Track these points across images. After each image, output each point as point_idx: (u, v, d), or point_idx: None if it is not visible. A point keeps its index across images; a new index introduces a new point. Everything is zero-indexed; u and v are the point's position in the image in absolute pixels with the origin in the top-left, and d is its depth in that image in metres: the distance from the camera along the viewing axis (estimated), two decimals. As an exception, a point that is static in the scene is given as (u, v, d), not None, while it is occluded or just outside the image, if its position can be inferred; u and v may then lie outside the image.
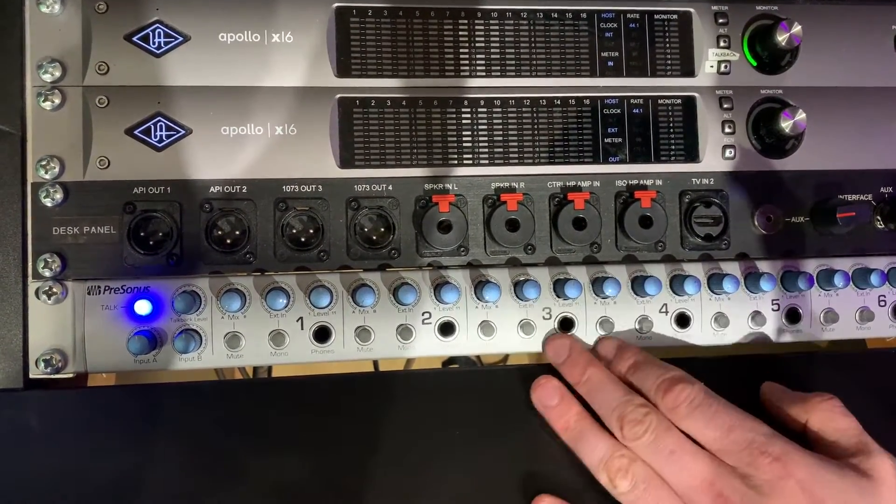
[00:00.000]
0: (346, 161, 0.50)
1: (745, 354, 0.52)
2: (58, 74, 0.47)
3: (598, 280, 0.51)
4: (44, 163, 0.47)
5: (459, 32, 0.51)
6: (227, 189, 0.49)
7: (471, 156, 0.51)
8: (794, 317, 0.53)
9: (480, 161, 0.51)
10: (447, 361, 0.86)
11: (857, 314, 0.54)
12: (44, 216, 0.47)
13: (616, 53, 0.52)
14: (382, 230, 0.50)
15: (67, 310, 0.47)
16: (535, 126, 0.52)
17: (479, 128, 0.51)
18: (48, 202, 0.47)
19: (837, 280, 0.52)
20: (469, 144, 0.51)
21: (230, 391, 0.50)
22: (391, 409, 0.48)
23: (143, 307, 0.48)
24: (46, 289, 0.46)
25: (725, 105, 0.53)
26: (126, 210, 0.48)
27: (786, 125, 0.51)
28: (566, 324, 0.51)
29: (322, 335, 0.49)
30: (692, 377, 0.46)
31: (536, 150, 0.51)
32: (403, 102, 0.50)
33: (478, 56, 0.51)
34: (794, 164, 0.53)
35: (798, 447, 0.42)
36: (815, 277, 0.53)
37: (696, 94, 0.53)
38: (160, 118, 0.48)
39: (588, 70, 0.52)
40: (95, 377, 0.52)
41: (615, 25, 0.52)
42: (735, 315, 0.53)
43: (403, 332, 0.50)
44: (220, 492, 0.46)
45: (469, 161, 0.51)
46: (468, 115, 0.51)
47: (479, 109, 0.51)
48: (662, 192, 0.52)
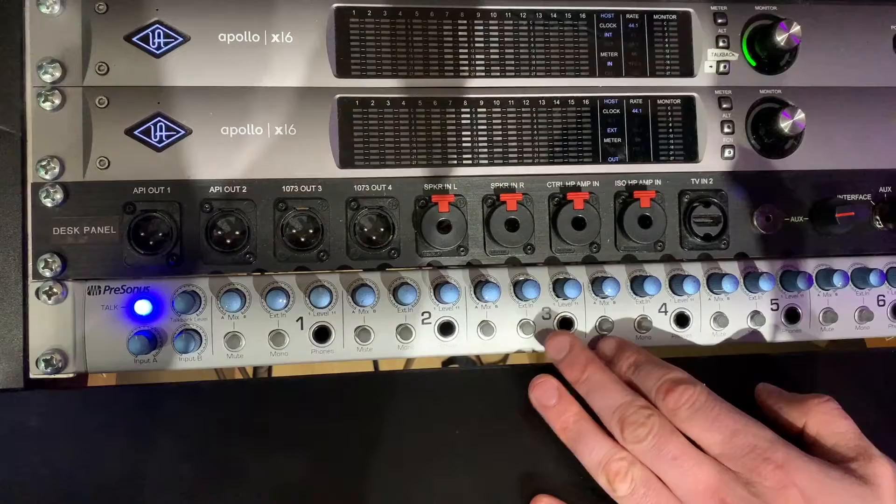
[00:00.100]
0: (346, 161, 0.50)
1: (745, 354, 0.52)
2: (58, 75, 0.47)
3: (598, 280, 0.51)
4: (44, 163, 0.47)
5: (459, 32, 0.51)
6: (227, 189, 0.49)
7: (470, 156, 0.51)
8: (794, 316, 0.53)
9: (480, 161, 0.51)
10: (447, 361, 0.86)
11: (857, 314, 0.54)
12: (44, 216, 0.47)
13: (615, 53, 0.52)
14: (382, 230, 0.50)
15: (68, 310, 0.47)
16: (535, 126, 0.52)
17: (479, 128, 0.51)
18: (48, 202, 0.47)
19: (836, 280, 0.52)
20: (468, 144, 0.51)
21: (230, 391, 0.50)
22: (391, 409, 0.48)
23: (144, 307, 0.48)
24: (47, 289, 0.47)
25: (724, 105, 0.53)
26: (126, 210, 0.48)
27: (785, 125, 0.51)
28: (566, 323, 0.51)
29: (322, 335, 0.49)
30: (694, 378, 0.45)
31: (536, 150, 0.52)
32: (403, 102, 0.50)
33: (477, 56, 0.51)
34: (794, 164, 0.53)
35: (801, 453, 0.42)
36: (815, 277, 0.53)
37: (696, 94, 0.53)
38: (160, 118, 0.48)
39: (587, 70, 0.52)
40: (96, 377, 0.52)
41: (614, 25, 0.53)
42: (734, 315, 0.53)
43: (403, 332, 0.50)
44: (220, 491, 0.46)
45: (468, 161, 0.51)
46: (468, 116, 0.51)
47: (479, 109, 0.51)
48: (662, 192, 0.52)
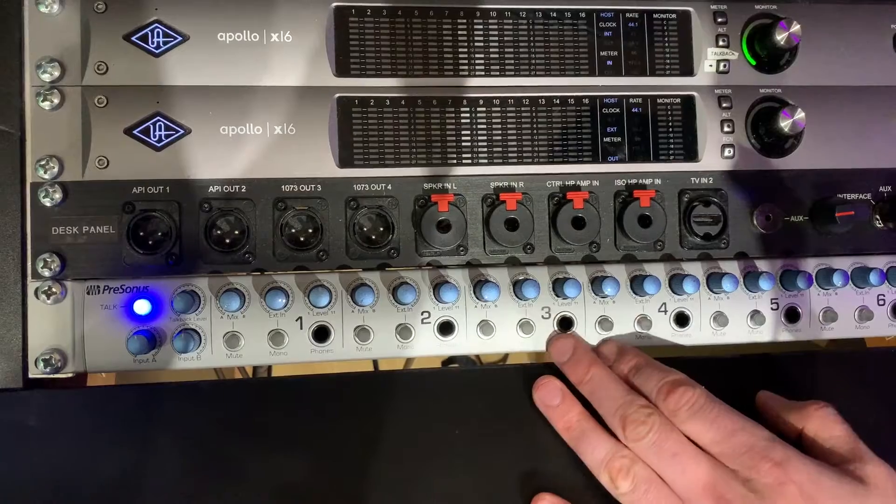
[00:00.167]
0: (345, 160, 0.50)
1: (744, 354, 0.52)
2: (57, 74, 0.47)
3: (598, 279, 0.51)
4: (43, 163, 0.47)
5: (458, 32, 0.51)
6: (227, 189, 0.49)
7: (470, 155, 0.51)
8: (794, 316, 0.53)
9: (479, 160, 0.51)
10: (447, 361, 0.86)
11: (857, 313, 0.54)
12: (43, 216, 0.47)
13: (615, 53, 0.52)
14: (381, 230, 0.50)
15: (67, 309, 0.47)
16: (535, 125, 0.52)
17: (479, 127, 0.51)
18: (47, 202, 0.47)
19: (836, 279, 0.52)
20: (468, 144, 0.51)
21: (229, 391, 0.50)
22: (391, 409, 0.48)
23: (143, 307, 0.48)
24: (46, 289, 0.46)
25: (724, 104, 0.53)
26: (125, 210, 0.48)
27: (785, 124, 0.51)
28: (565, 323, 0.51)
29: (321, 335, 0.49)
30: (693, 381, 0.46)
31: (535, 150, 0.51)
32: (402, 102, 0.50)
33: (477, 55, 0.51)
34: (793, 164, 0.53)
35: (798, 452, 0.43)
36: (815, 276, 0.53)
37: (695, 94, 0.53)
38: (159, 118, 0.48)
39: (587, 69, 0.52)
40: (95, 377, 0.52)
41: (614, 25, 0.52)
42: (734, 314, 0.53)
43: (403, 332, 0.50)
44: (220, 491, 0.46)
45: (468, 160, 0.51)
46: (467, 115, 0.51)
47: (479, 109, 0.51)
48: (661, 192, 0.52)
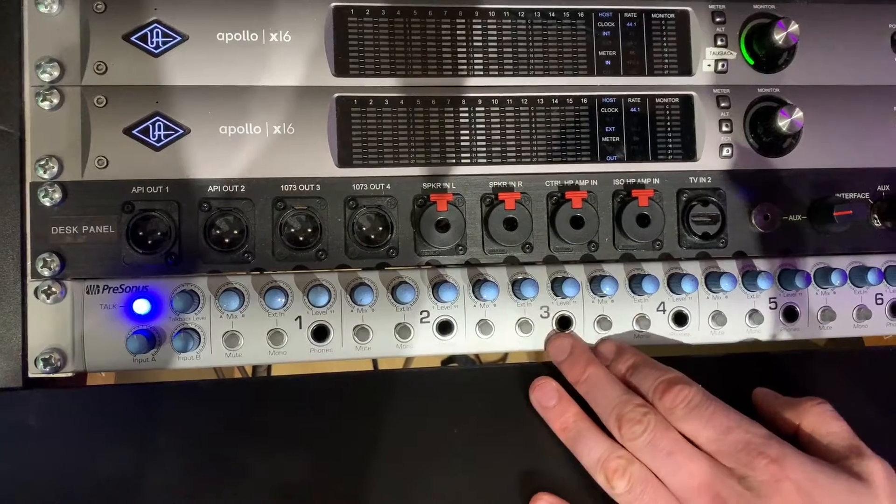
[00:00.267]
0: (344, 160, 0.50)
1: (743, 353, 0.52)
2: (56, 74, 0.47)
3: (596, 278, 0.51)
4: (42, 162, 0.47)
5: (457, 32, 0.51)
6: (226, 188, 0.49)
7: (469, 155, 0.51)
8: (792, 315, 0.53)
9: (478, 160, 0.51)
10: (446, 360, 0.86)
11: (855, 312, 0.54)
12: (42, 216, 0.47)
13: (613, 52, 0.53)
14: (380, 229, 0.50)
15: (66, 309, 0.47)
16: (533, 125, 0.52)
17: (477, 127, 0.51)
18: (47, 202, 0.47)
19: (835, 278, 0.52)
20: (467, 143, 0.51)
21: (229, 390, 0.50)
22: (390, 408, 0.48)
23: (142, 306, 0.48)
24: (45, 288, 0.47)
25: (723, 104, 0.53)
26: (124, 209, 0.48)
27: (783, 124, 0.51)
28: (564, 322, 0.52)
29: (320, 334, 0.49)
30: (690, 379, 0.46)
31: (534, 149, 0.52)
32: (401, 101, 0.50)
33: (475, 55, 0.51)
34: (792, 163, 0.54)
35: (794, 449, 0.43)
36: (813, 275, 0.53)
37: (694, 93, 0.53)
38: (158, 118, 0.48)
39: (585, 69, 0.52)
40: (94, 376, 0.53)
41: (612, 24, 0.53)
42: (732, 313, 0.53)
43: (402, 331, 0.50)
44: (220, 490, 0.46)
45: (467, 160, 0.51)
46: (466, 115, 0.51)
47: (477, 108, 0.51)
48: (660, 191, 0.52)
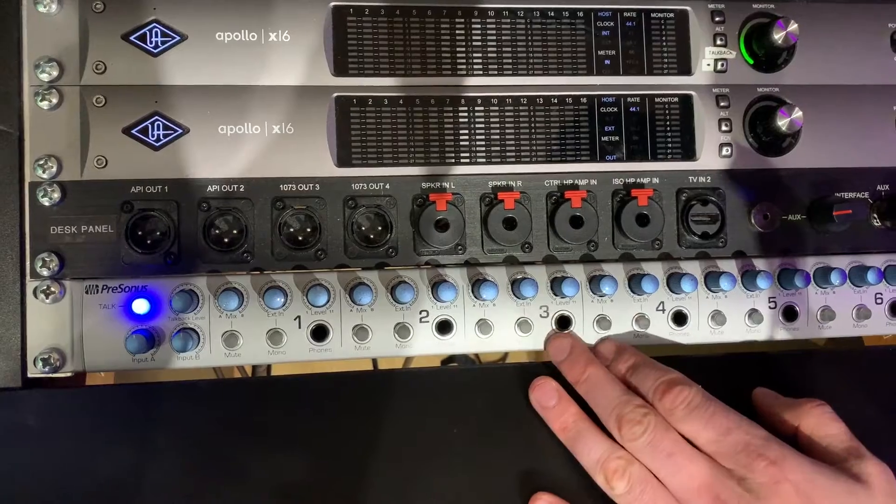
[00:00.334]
0: (344, 160, 0.50)
1: (742, 352, 0.52)
2: (55, 74, 0.47)
3: (596, 278, 0.51)
4: (41, 162, 0.47)
5: (456, 31, 0.51)
6: (225, 188, 0.49)
7: (468, 154, 0.51)
8: (791, 314, 0.53)
9: (478, 160, 0.51)
10: (446, 360, 0.86)
11: (854, 312, 0.54)
12: (41, 215, 0.47)
13: (613, 52, 0.52)
14: (380, 229, 0.50)
15: (65, 309, 0.47)
16: (532, 125, 0.52)
17: (477, 126, 0.51)
18: (46, 201, 0.47)
19: (834, 278, 0.52)
20: (466, 143, 0.51)
21: (228, 390, 0.50)
22: (390, 408, 0.48)
23: (141, 306, 0.48)
24: (44, 288, 0.47)
25: (722, 103, 0.53)
26: (123, 209, 0.48)
27: (782, 123, 0.51)
28: (563, 322, 0.52)
29: (320, 334, 0.49)
30: (690, 380, 0.46)
31: (533, 149, 0.52)
32: (400, 101, 0.50)
33: (475, 55, 0.51)
34: (791, 162, 0.54)
35: (794, 451, 0.43)
36: (812, 275, 0.53)
37: (693, 93, 0.53)
38: (157, 117, 0.48)
39: (585, 69, 0.52)
40: (94, 376, 0.52)
41: (612, 24, 0.53)
42: (732, 313, 0.53)
43: (401, 331, 0.50)
44: (219, 490, 0.46)
45: (466, 160, 0.51)
46: (465, 114, 0.51)
47: (477, 108, 0.51)
48: (659, 191, 0.52)
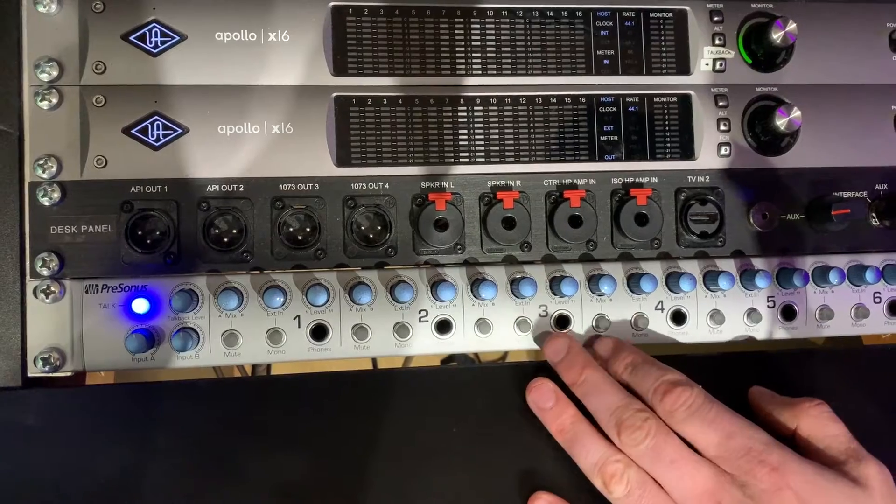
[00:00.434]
0: (343, 159, 0.50)
1: (741, 351, 0.52)
2: (55, 74, 0.47)
3: (594, 277, 0.51)
4: (41, 162, 0.47)
5: (455, 31, 0.51)
6: (224, 188, 0.49)
7: (467, 154, 0.51)
8: (790, 314, 0.53)
9: (477, 159, 0.51)
10: (446, 359, 0.86)
11: (853, 311, 0.54)
12: (41, 215, 0.47)
13: (612, 52, 0.53)
14: (379, 228, 0.50)
15: (65, 308, 0.48)
16: (531, 124, 0.52)
17: (476, 126, 0.51)
18: (46, 201, 0.47)
19: (833, 277, 0.52)
20: (465, 143, 0.51)
21: (228, 389, 0.50)
22: (390, 407, 0.49)
23: (141, 306, 0.48)
24: (44, 288, 0.47)
25: (721, 103, 0.53)
26: (123, 209, 0.48)
27: (781, 123, 0.51)
28: (562, 321, 0.52)
29: (319, 333, 0.49)
30: (691, 380, 0.45)
31: (532, 149, 0.52)
32: (400, 101, 0.50)
33: (474, 55, 0.51)
34: (790, 162, 0.54)
35: (795, 455, 0.42)
36: (811, 274, 0.53)
37: (692, 92, 0.53)
38: (157, 117, 0.48)
39: (584, 68, 0.52)
40: (93, 375, 0.53)
41: (611, 24, 0.53)
42: (731, 312, 0.53)
43: (400, 330, 0.50)
44: (219, 490, 0.46)
45: (465, 159, 0.51)
46: (464, 114, 0.51)
47: (476, 108, 0.51)
48: (658, 190, 0.52)
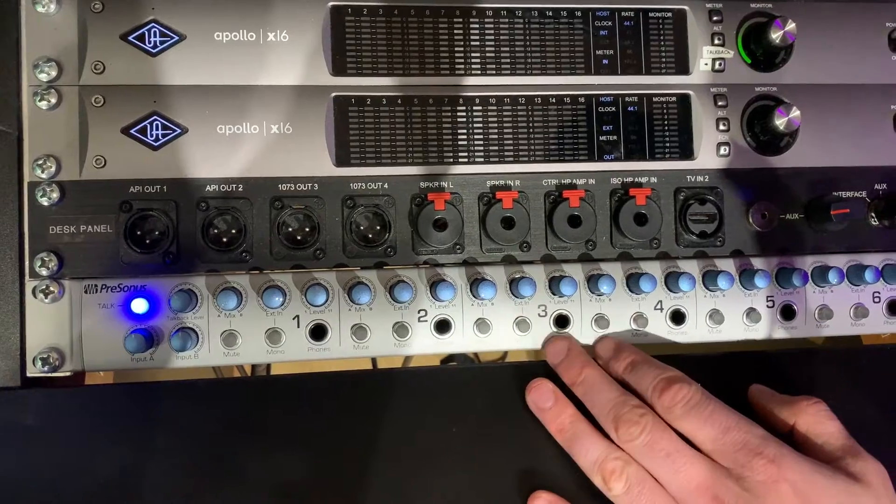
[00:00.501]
0: (342, 159, 0.50)
1: (740, 351, 0.53)
2: (54, 74, 0.47)
3: (594, 277, 0.51)
4: (40, 162, 0.47)
5: (454, 31, 0.51)
6: (223, 188, 0.49)
7: (466, 154, 0.51)
8: (789, 313, 0.53)
9: (476, 159, 0.51)
10: (445, 359, 0.86)
11: (852, 311, 0.54)
12: (40, 215, 0.47)
13: (611, 51, 0.53)
14: (378, 228, 0.50)
15: (64, 308, 0.47)
16: (531, 124, 0.52)
17: (475, 126, 0.51)
18: (45, 201, 0.47)
19: (832, 277, 0.52)
20: (464, 142, 0.51)
21: (228, 389, 0.50)
22: (389, 407, 0.49)
23: (140, 306, 0.48)
24: (43, 288, 0.47)
25: (720, 103, 0.53)
26: (122, 209, 0.48)
27: (780, 122, 0.51)
28: (562, 321, 0.52)
29: (318, 333, 0.49)
30: (689, 378, 0.46)
31: (532, 148, 0.52)
32: (399, 101, 0.50)
33: (473, 54, 0.51)
34: (789, 162, 0.54)
35: (791, 450, 0.43)
36: (810, 274, 0.53)
37: (691, 92, 0.53)
38: (156, 117, 0.48)
39: (583, 68, 0.52)
40: (93, 375, 0.53)
41: (610, 23, 0.53)
42: (730, 312, 0.53)
43: (399, 330, 0.50)
44: (219, 490, 0.46)
45: (464, 159, 0.51)
46: (463, 114, 0.51)
47: (475, 108, 0.51)
48: (657, 190, 0.52)
